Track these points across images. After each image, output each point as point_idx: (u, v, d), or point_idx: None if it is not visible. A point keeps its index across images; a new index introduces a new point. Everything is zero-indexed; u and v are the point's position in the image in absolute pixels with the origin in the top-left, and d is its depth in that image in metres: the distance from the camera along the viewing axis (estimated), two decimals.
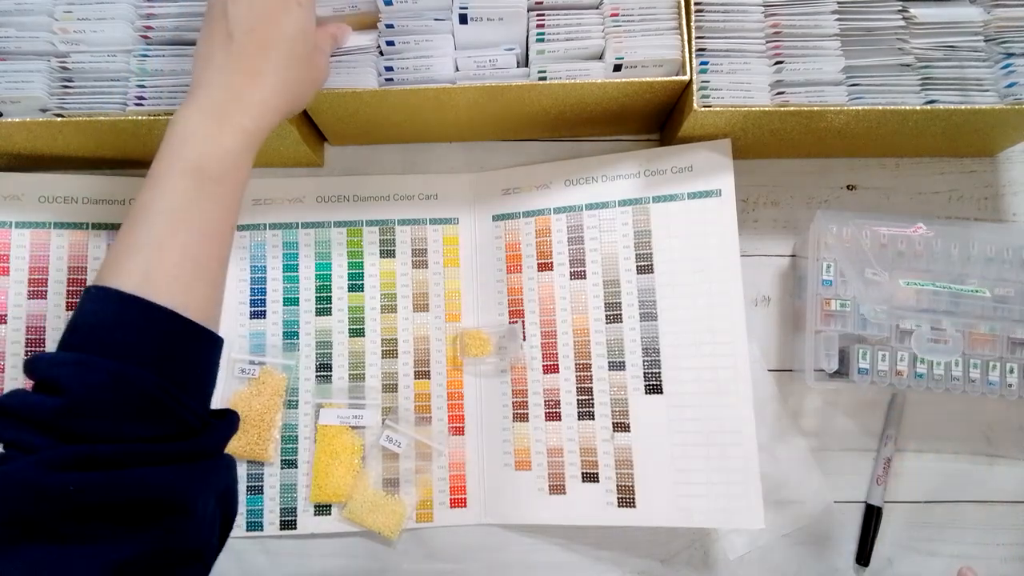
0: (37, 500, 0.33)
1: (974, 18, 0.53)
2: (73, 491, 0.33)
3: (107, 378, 0.35)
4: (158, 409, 0.36)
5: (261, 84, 0.43)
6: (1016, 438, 0.62)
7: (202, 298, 0.39)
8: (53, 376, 0.35)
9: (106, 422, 0.35)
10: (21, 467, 0.33)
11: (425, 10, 0.53)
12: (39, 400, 0.34)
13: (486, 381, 0.62)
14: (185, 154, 0.40)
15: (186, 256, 0.39)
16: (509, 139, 0.66)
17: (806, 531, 0.61)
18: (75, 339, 0.37)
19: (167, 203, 0.39)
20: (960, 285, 0.56)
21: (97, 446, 0.34)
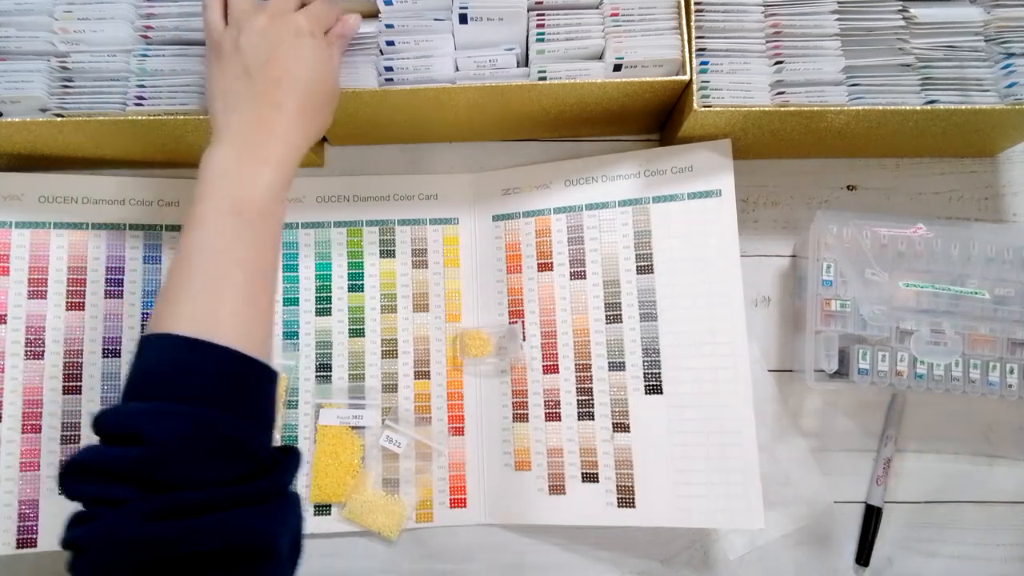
0: (134, 552, 0.33)
1: (974, 18, 0.53)
2: (169, 541, 0.33)
3: (188, 424, 0.35)
4: (237, 450, 0.36)
5: (285, 115, 0.43)
6: (1016, 438, 0.62)
7: (259, 334, 0.40)
8: (134, 427, 0.34)
9: (188, 468, 0.35)
10: (114, 520, 0.33)
11: (425, 10, 0.53)
12: (119, 453, 0.34)
13: (486, 381, 0.62)
14: (225, 195, 0.40)
15: (240, 295, 0.39)
16: (509, 139, 0.66)
17: (806, 531, 0.61)
18: (145, 388, 0.37)
19: (215, 245, 0.39)
20: (960, 287, 0.56)
21: (183, 493, 0.34)
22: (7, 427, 0.57)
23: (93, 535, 0.33)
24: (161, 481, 0.34)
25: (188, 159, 0.63)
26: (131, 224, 0.61)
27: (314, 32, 0.45)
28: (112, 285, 0.60)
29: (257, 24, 0.44)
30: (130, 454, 0.34)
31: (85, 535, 0.33)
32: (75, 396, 0.58)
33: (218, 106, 0.44)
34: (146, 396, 0.36)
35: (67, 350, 0.59)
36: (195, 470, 0.35)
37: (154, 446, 0.34)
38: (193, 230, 0.40)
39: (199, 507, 0.34)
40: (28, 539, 0.57)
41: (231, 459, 0.36)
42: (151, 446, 0.34)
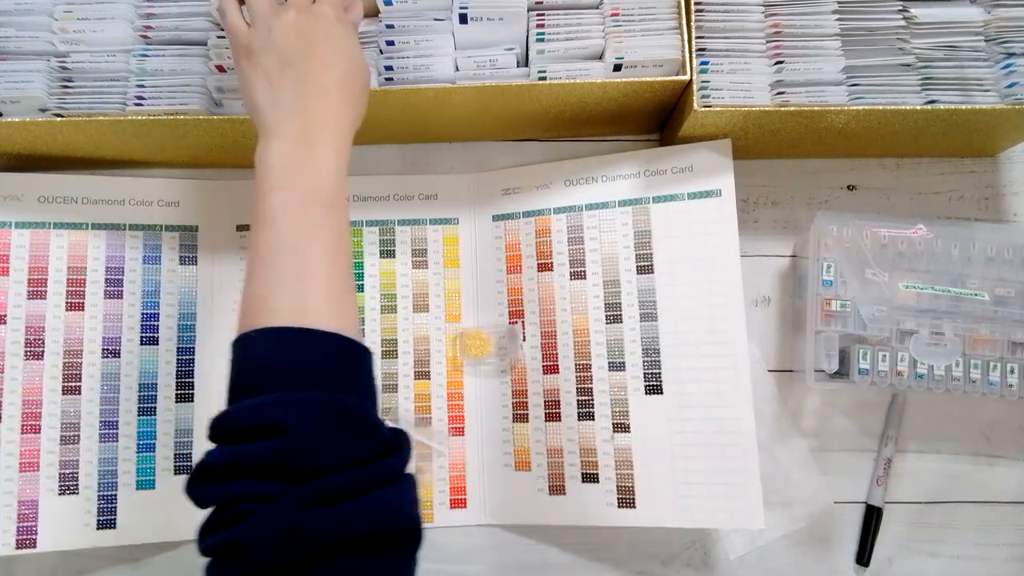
0: (299, 543, 0.32)
1: (974, 18, 0.53)
2: (330, 526, 0.33)
3: (320, 409, 0.35)
4: (365, 429, 0.37)
5: (333, 101, 0.44)
6: (1016, 438, 0.62)
7: (351, 315, 0.40)
8: (268, 419, 0.34)
9: (328, 452, 0.35)
10: (274, 512, 0.33)
11: (425, 10, 0.53)
12: (259, 446, 0.34)
13: (486, 381, 0.62)
14: (294, 186, 0.41)
15: (329, 280, 0.40)
16: (509, 139, 0.66)
17: (806, 531, 0.61)
18: (257, 384, 0.36)
19: (295, 236, 0.40)
20: (960, 288, 0.56)
21: (332, 477, 0.34)
22: (7, 427, 0.57)
23: (251, 531, 0.33)
24: (304, 469, 0.34)
25: (188, 159, 0.63)
26: (131, 224, 0.61)
27: (341, 19, 0.46)
28: (112, 285, 0.60)
29: (287, 19, 0.44)
30: (271, 446, 0.34)
31: (242, 533, 0.33)
32: (75, 396, 0.58)
33: (261, 103, 0.44)
34: (264, 389, 0.36)
35: (67, 350, 0.59)
36: (334, 454, 0.35)
37: (294, 435, 0.34)
38: (268, 224, 0.40)
39: (348, 490, 0.34)
40: (27, 539, 0.57)
41: (362, 439, 0.36)
42: (291, 435, 0.34)
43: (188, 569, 0.60)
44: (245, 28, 0.46)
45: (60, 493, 0.57)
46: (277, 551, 0.32)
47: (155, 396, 0.60)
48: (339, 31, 0.45)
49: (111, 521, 0.58)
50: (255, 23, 0.45)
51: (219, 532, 0.33)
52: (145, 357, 0.60)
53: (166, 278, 0.61)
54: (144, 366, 0.60)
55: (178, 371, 0.60)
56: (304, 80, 0.43)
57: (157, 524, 0.58)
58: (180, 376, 0.60)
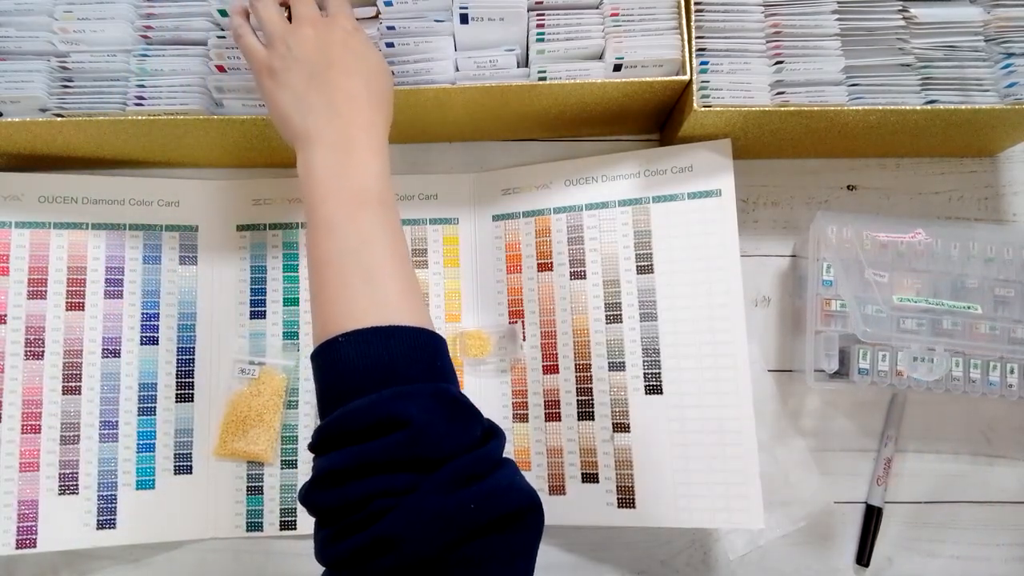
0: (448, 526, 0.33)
1: (974, 18, 0.53)
2: (473, 507, 0.34)
3: (431, 399, 0.36)
4: (470, 413, 0.38)
5: (361, 104, 0.44)
6: (1016, 438, 0.62)
7: (422, 308, 0.41)
8: (391, 413, 0.35)
9: (444, 438, 0.35)
10: (419, 500, 0.33)
11: (425, 11, 0.53)
12: (386, 442, 0.34)
13: (486, 381, 0.62)
14: (345, 192, 0.42)
15: (398, 276, 0.41)
16: (509, 139, 0.66)
17: (806, 531, 0.61)
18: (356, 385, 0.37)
19: (356, 240, 0.40)
20: (953, 301, 0.56)
21: (458, 461, 0.35)
22: (7, 427, 0.57)
23: (405, 520, 0.33)
24: (429, 458, 0.35)
25: (188, 159, 0.63)
26: (131, 224, 0.61)
27: (356, 27, 0.47)
28: (112, 285, 0.60)
29: (305, 35, 0.45)
30: (395, 439, 0.34)
31: (395, 525, 0.33)
32: (75, 396, 0.58)
33: (293, 117, 0.44)
34: (366, 389, 0.36)
35: (67, 350, 0.59)
36: (454, 440, 0.36)
37: (415, 426, 0.34)
38: (328, 233, 0.41)
39: (476, 472, 0.35)
40: (28, 539, 0.57)
41: (469, 423, 0.37)
42: (413, 426, 0.34)
43: (188, 569, 0.60)
44: (263, 49, 0.47)
45: (60, 493, 0.57)
46: (429, 538, 0.33)
47: (155, 396, 0.60)
48: (356, 39, 0.46)
49: (111, 521, 0.58)
50: (272, 43, 0.46)
51: (357, 533, 0.33)
52: (145, 357, 0.60)
53: (166, 278, 0.61)
54: (144, 366, 0.60)
55: (178, 371, 0.60)
56: (331, 89, 0.44)
57: (157, 524, 0.58)
58: (180, 376, 0.60)
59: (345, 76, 0.45)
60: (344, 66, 0.45)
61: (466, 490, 0.34)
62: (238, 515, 0.59)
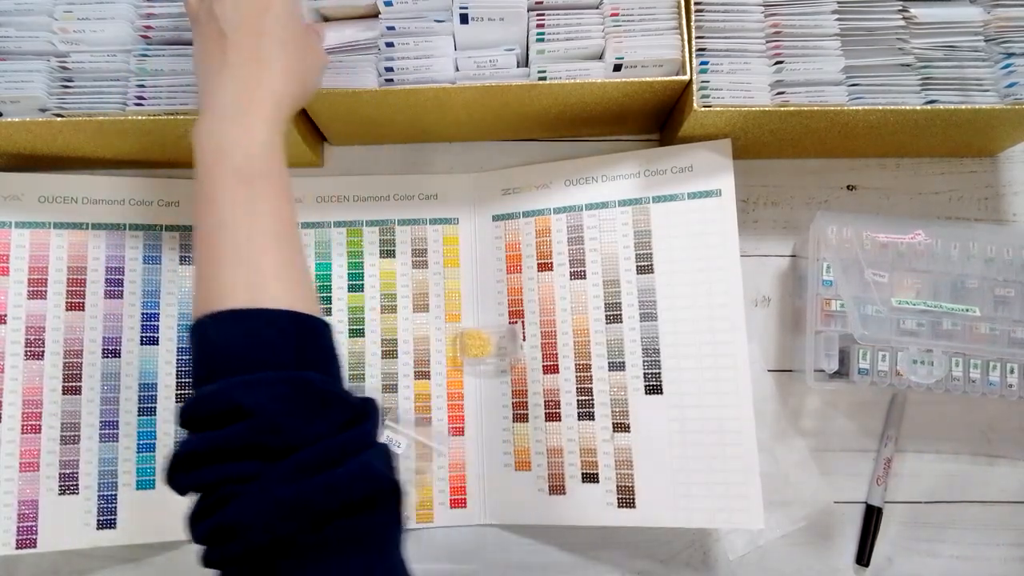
0: (287, 516, 0.33)
1: (974, 18, 0.53)
2: (314, 497, 0.33)
3: (283, 387, 0.35)
4: (329, 401, 0.37)
5: (268, 70, 0.43)
6: (1016, 438, 0.62)
7: (303, 291, 0.40)
8: (233, 403, 0.35)
9: (299, 428, 0.35)
10: (259, 490, 0.33)
11: (425, 10, 0.53)
12: (231, 430, 0.34)
13: (486, 381, 0.62)
14: (226, 164, 0.40)
15: (275, 257, 0.39)
16: (509, 139, 0.66)
17: (806, 531, 0.61)
18: (218, 369, 0.37)
19: (233, 217, 0.39)
20: (952, 304, 0.56)
21: (306, 451, 0.34)
22: (7, 427, 0.57)
23: (241, 511, 0.33)
24: (278, 447, 0.34)
25: (188, 159, 0.63)
26: (131, 224, 0.61)
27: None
28: (112, 285, 0.60)
29: None
30: (239, 429, 0.34)
31: (232, 515, 0.33)
32: (75, 396, 0.58)
33: (198, 74, 0.43)
34: (224, 373, 0.36)
35: (67, 350, 0.59)
36: (302, 429, 0.35)
37: (260, 415, 0.34)
38: (207, 207, 0.40)
39: (324, 461, 0.35)
40: (28, 539, 0.57)
41: (328, 411, 0.37)
42: (257, 415, 0.34)
43: (188, 569, 0.60)
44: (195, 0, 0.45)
45: (60, 493, 0.57)
46: (268, 527, 0.33)
47: (155, 396, 0.60)
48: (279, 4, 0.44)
49: (111, 521, 0.58)
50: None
51: (208, 518, 0.34)
52: (145, 357, 0.60)
53: (166, 278, 0.61)
54: (144, 366, 0.60)
55: (178, 371, 0.60)
56: (237, 50, 0.42)
57: (157, 524, 0.58)
58: (180, 376, 0.60)
59: (256, 39, 0.43)
60: (259, 29, 0.43)
61: (311, 479, 0.34)
62: None
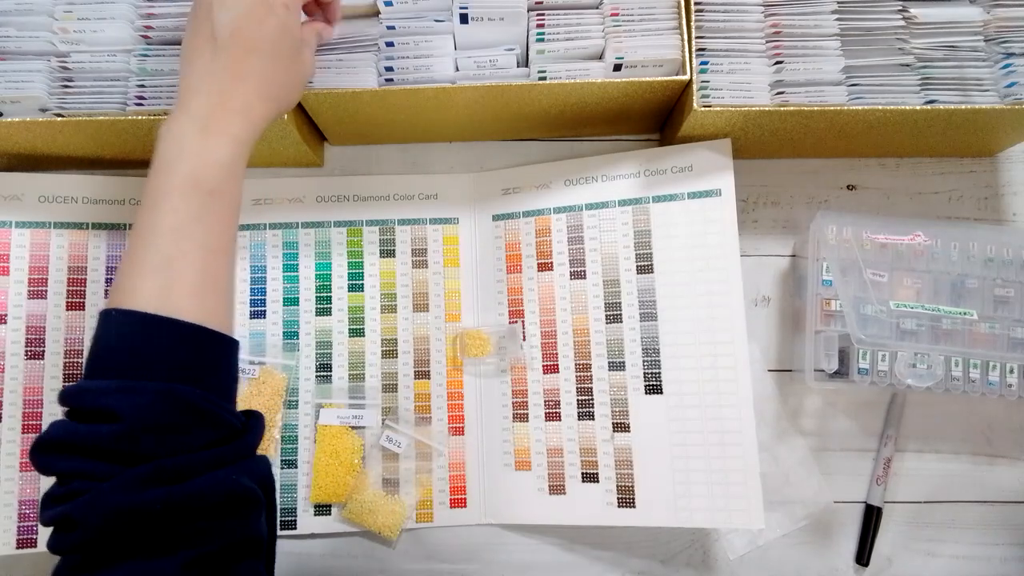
0: (127, 522, 0.34)
1: (974, 18, 0.53)
2: (160, 508, 0.34)
3: (157, 399, 0.36)
4: (205, 419, 0.37)
5: (246, 88, 0.43)
6: (1016, 438, 0.62)
7: (217, 308, 0.40)
8: (105, 405, 0.35)
9: (162, 440, 0.36)
10: (105, 493, 0.34)
11: (425, 10, 0.53)
12: (93, 430, 0.35)
13: (486, 381, 0.62)
14: (181, 169, 0.40)
15: (197, 271, 0.39)
16: (509, 139, 0.66)
17: (806, 531, 0.61)
18: (109, 364, 0.37)
19: (170, 222, 0.39)
20: (949, 307, 0.56)
21: (163, 461, 0.35)
22: (7, 427, 0.57)
23: (83, 509, 0.34)
24: (135, 453, 0.35)
25: None
26: (131, 224, 0.61)
27: (288, 5, 0.45)
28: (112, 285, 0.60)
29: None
30: (104, 431, 0.35)
31: (75, 510, 0.34)
32: None
33: (184, 69, 0.43)
34: (111, 372, 0.37)
35: (67, 350, 0.59)
36: (168, 441, 0.36)
37: (127, 422, 0.35)
38: (150, 205, 0.40)
39: (178, 473, 0.35)
40: (28, 539, 0.57)
41: (201, 427, 0.37)
42: (124, 422, 0.35)
43: None
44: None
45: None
46: (106, 529, 0.34)
47: None
48: (276, 20, 0.44)
49: None
50: None
51: (56, 506, 0.35)
52: None
53: None
54: None
55: None
56: (223, 59, 0.42)
57: None
58: None
59: (244, 54, 0.42)
60: (250, 44, 0.43)
61: (160, 489, 0.34)
62: None
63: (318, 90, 0.53)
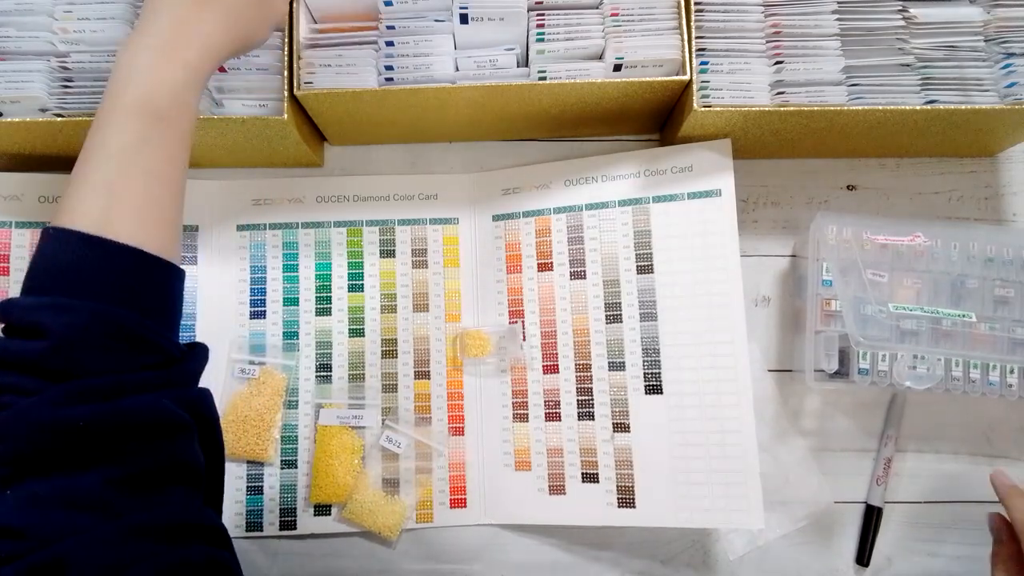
0: (48, 437, 0.33)
1: (974, 18, 0.53)
2: (83, 425, 0.34)
3: (89, 318, 0.35)
4: (141, 342, 0.37)
5: (207, 17, 0.42)
6: (1016, 438, 0.62)
7: (159, 234, 0.40)
8: (33, 320, 0.35)
9: (93, 358, 0.36)
10: (29, 407, 0.34)
11: (425, 11, 0.53)
12: (21, 345, 0.35)
13: (486, 381, 0.62)
14: (131, 92, 0.39)
15: (140, 195, 0.39)
16: (509, 139, 0.66)
17: (806, 531, 0.61)
18: (43, 282, 0.37)
19: (117, 143, 0.39)
20: (948, 309, 0.56)
21: (91, 380, 0.35)
22: None
23: (7, 423, 0.34)
24: (64, 371, 0.35)
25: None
26: None
27: None
28: None
29: None
30: (32, 347, 0.35)
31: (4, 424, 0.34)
32: None
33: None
34: (45, 290, 0.37)
35: None
36: (98, 361, 0.36)
37: (55, 338, 0.34)
38: (98, 126, 0.39)
39: (107, 392, 0.35)
40: None
41: (135, 351, 0.37)
42: (51, 338, 0.34)
43: None
44: None
45: None
46: (30, 442, 0.33)
47: None
48: None
49: None
50: None
51: None
52: None
53: None
54: None
55: None
56: None
57: None
58: None
59: None
60: None
61: (85, 406, 0.34)
62: (238, 515, 0.59)
63: (318, 90, 0.53)
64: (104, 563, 0.32)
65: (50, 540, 0.32)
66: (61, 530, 0.32)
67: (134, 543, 0.33)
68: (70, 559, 0.31)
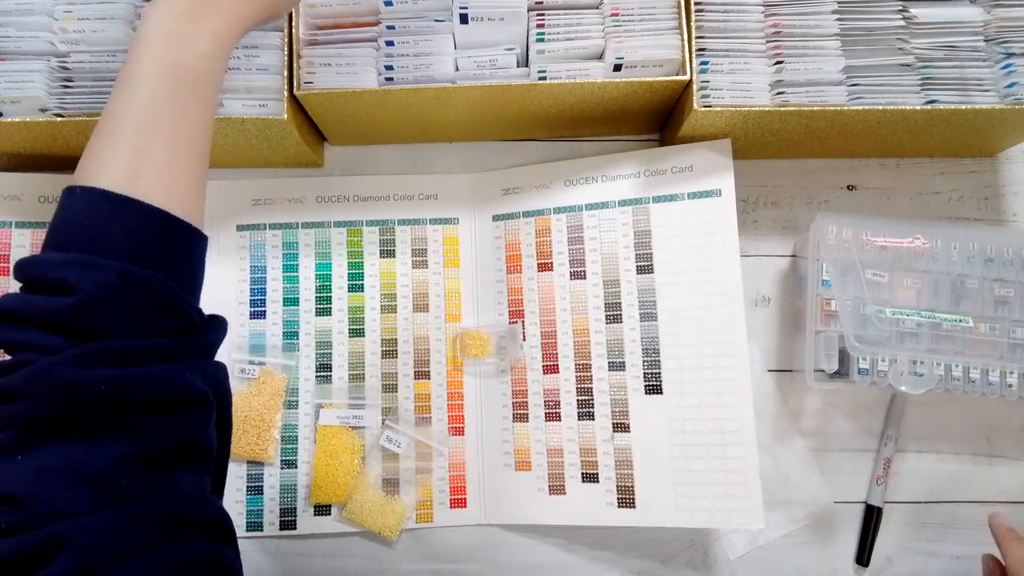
0: (70, 398, 0.33)
1: (974, 18, 0.53)
2: (105, 389, 0.33)
3: (115, 277, 0.35)
4: (167, 306, 0.36)
5: None
6: (1016, 438, 0.62)
7: (185, 197, 0.39)
8: (59, 277, 0.34)
9: (118, 319, 0.35)
10: (50, 366, 0.33)
11: (425, 10, 0.53)
12: (46, 301, 0.34)
13: (486, 381, 0.62)
14: (159, 56, 0.39)
15: (166, 156, 0.38)
16: (509, 139, 0.66)
17: (806, 531, 0.61)
18: (69, 239, 0.36)
19: (143, 104, 0.38)
20: (944, 314, 0.56)
21: (116, 341, 0.34)
22: None
23: (27, 381, 0.33)
24: (94, 330, 0.34)
25: None
26: None
27: None
28: None
29: None
30: (58, 303, 0.34)
31: (17, 381, 0.33)
32: None
33: None
34: (68, 247, 0.36)
35: None
36: (125, 321, 0.35)
37: (81, 296, 0.34)
38: (124, 86, 0.39)
39: (131, 356, 0.34)
40: None
41: (160, 314, 0.36)
42: (77, 295, 0.34)
43: None
44: None
45: None
46: (48, 402, 0.33)
47: None
48: None
49: None
50: None
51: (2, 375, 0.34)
52: None
53: None
54: None
55: None
56: None
57: None
58: None
59: None
60: None
61: (107, 369, 0.33)
62: (238, 515, 0.59)
63: (318, 90, 0.53)
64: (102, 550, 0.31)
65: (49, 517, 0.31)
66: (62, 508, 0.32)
67: (135, 532, 0.32)
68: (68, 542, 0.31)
